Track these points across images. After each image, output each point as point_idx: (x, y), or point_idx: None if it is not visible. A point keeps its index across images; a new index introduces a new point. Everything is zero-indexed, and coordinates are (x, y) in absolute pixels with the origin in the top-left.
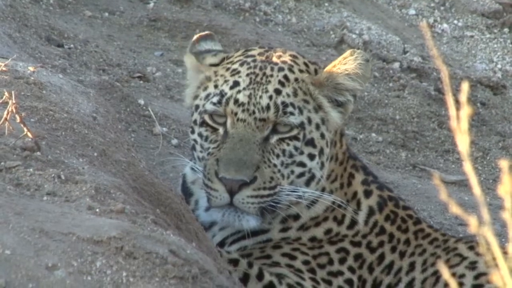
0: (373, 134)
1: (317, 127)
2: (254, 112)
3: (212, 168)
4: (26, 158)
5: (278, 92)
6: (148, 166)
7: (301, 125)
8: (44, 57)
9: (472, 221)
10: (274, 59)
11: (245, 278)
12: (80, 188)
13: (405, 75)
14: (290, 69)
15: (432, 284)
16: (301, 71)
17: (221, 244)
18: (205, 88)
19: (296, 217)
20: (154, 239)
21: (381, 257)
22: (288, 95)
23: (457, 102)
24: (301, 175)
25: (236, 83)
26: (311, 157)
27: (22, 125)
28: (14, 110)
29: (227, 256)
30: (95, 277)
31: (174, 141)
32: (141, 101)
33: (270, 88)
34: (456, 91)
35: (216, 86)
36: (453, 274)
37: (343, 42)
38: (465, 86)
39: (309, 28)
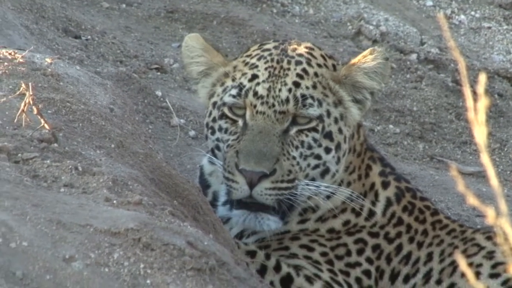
0: (391, 126)
1: (336, 121)
2: (273, 105)
3: (232, 160)
4: (43, 149)
5: (297, 85)
6: (165, 157)
7: (320, 118)
8: (61, 48)
9: (490, 212)
10: (290, 52)
11: (262, 270)
12: (98, 179)
13: (423, 67)
14: (309, 63)
15: (449, 274)
16: (319, 65)
17: (239, 236)
18: (223, 84)
19: (314, 209)
20: (171, 230)
21: (399, 248)
22: (307, 88)
23: (474, 93)
24: (316, 167)
25: (255, 76)
26: (328, 150)
27: (39, 117)
28: (31, 102)
29: (245, 248)
30: (112, 269)
31: (192, 133)
32: (159, 93)
33: (289, 81)
34: (473, 83)
35: (234, 80)
36: (470, 264)
37: (360, 33)
38: (482, 78)
39: (326, 19)
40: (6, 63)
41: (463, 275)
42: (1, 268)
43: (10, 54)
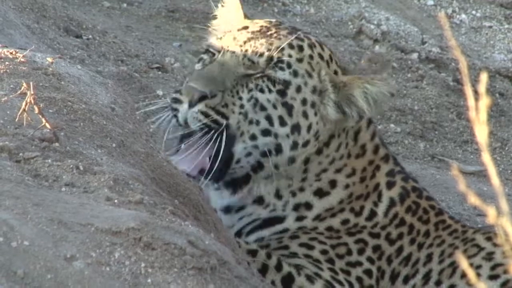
0: (392, 125)
1: (304, 102)
2: (246, 50)
3: (185, 82)
4: (45, 149)
5: (281, 50)
6: (166, 157)
7: (285, 84)
8: (62, 48)
9: (491, 211)
10: (300, 33)
11: (263, 269)
12: (99, 179)
13: (424, 66)
14: (310, 47)
15: (448, 275)
16: (320, 56)
17: (238, 233)
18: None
19: (308, 206)
20: (172, 230)
21: (400, 250)
22: (289, 56)
23: (475, 92)
24: (265, 133)
25: (245, 27)
26: (282, 121)
27: (40, 116)
28: (32, 101)
29: (246, 247)
30: (113, 268)
31: None
32: (160, 92)
33: (275, 43)
34: (474, 82)
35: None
36: (470, 265)
37: (361, 32)
38: (483, 77)
39: (327, 18)
40: (7, 63)
41: (462, 276)
42: (2, 267)
43: (11, 53)
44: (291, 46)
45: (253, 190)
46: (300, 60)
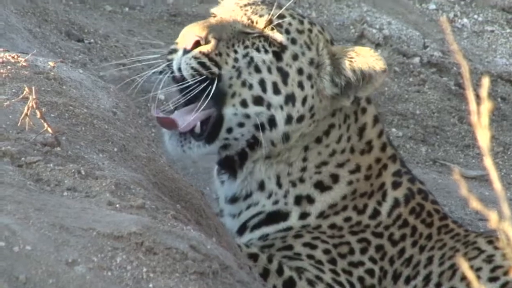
0: (394, 129)
1: (300, 71)
2: (247, 11)
3: None
4: (46, 153)
5: (281, 16)
6: (168, 161)
7: (282, 47)
8: (64, 52)
9: (493, 216)
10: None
11: (265, 273)
12: (100, 183)
13: (425, 70)
14: (310, 22)
15: (449, 278)
16: (321, 32)
17: (242, 229)
18: None
19: (310, 200)
20: (174, 234)
21: (402, 251)
22: (289, 24)
23: (477, 97)
24: (257, 101)
25: None
26: (275, 88)
27: (42, 121)
28: (34, 106)
29: (247, 251)
30: (115, 272)
31: None
32: (162, 96)
33: (277, 12)
34: (476, 86)
35: None
36: (470, 267)
37: (363, 37)
38: (485, 81)
39: (329, 22)
40: (9, 67)
41: (462, 278)
42: (4, 272)
43: (13, 57)
44: (292, 16)
45: (254, 173)
46: (300, 32)
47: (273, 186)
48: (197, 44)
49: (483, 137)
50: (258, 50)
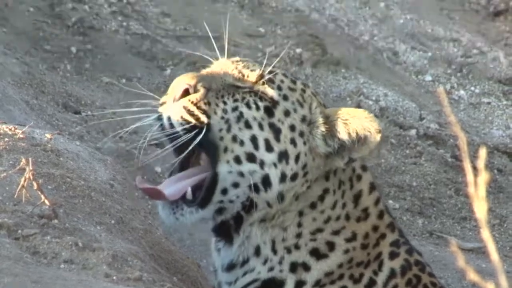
0: (390, 201)
1: (292, 128)
2: (238, 65)
3: None
4: (44, 226)
5: (274, 74)
6: (164, 233)
7: (273, 103)
8: (61, 124)
9: None
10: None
11: None
12: (97, 255)
13: (422, 142)
14: (303, 83)
15: None
16: (314, 94)
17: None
18: None
19: (305, 267)
20: None
21: None
22: (281, 81)
23: (474, 168)
24: (250, 158)
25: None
26: (268, 145)
27: (39, 193)
28: (31, 177)
29: None
30: None
31: None
32: (158, 169)
33: (268, 69)
34: (473, 158)
35: None
36: None
37: (360, 108)
38: (482, 152)
39: (325, 94)
40: (6, 139)
41: None
42: None
43: (10, 129)
44: (285, 75)
45: (251, 238)
46: (292, 89)
47: (268, 252)
48: (186, 92)
49: (480, 209)
50: (248, 105)
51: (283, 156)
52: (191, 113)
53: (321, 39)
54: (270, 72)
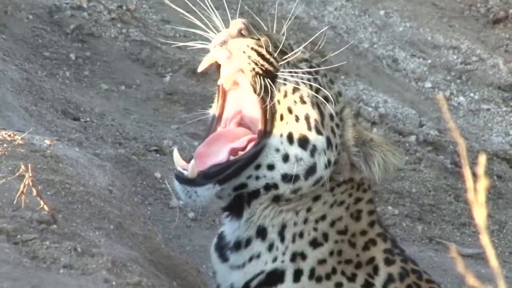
0: (390, 207)
1: (331, 117)
2: (279, 41)
3: None
4: (43, 231)
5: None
6: (164, 239)
7: (318, 87)
8: (60, 130)
9: None
10: None
11: None
12: (97, 261)
13: (422, 148)
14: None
15: None
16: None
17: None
18: None
19: (303, 256)
20: None
21: None
22: (324, 75)
23: (473, 175)
24: (303, 142)
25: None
26: (318, 129)
27: (38, 198)
28: (30, 183)
29: None
30: None
31: (191, 214)
32: (158, 175)
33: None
34: (472, 164)
35: None
36: None
37: (359, 115)
38: (482, 159)
39: None
40: (5, 145)
41: None
42: None
43: (9, 135)
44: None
45: (260, 216)
46: (330, 83)
47: (275, 237)
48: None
49: (480, 215)
50: (302, 78)
51: (329, 142)
52: (261, 56)
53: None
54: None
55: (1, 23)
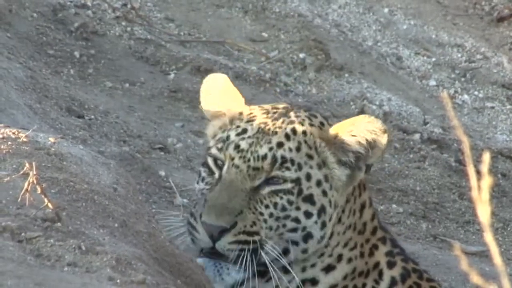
0: (394, 205)
1: (319, 183)
2: (249, 160)
3: (199, 209)
4: (47, 229)
5: (280, 145)
6: (168, 237)
7: (297, 181)
8: (64, 128)
9: None
10: (291, 114)
11: None
12: (101, 258)
13: (426, 146)
14: (301, 123)
15: None
16: (311, 125)
17: None
18: (223, 131)
19: (313, 282)
20: None
21: None
22: (290, 150)
23: (477, 173)
24: (294, 230)
25: (244, 131)
26: (308, 215)
27: (43, 196)
28: (35, 181)
29: None
30: None
31: None
32: (162, 173)
33: (274, 140)
34: (476, 162)
35: (224, 131)
36: None
37: (364, 113)
38: (486, 157)
39: (329, 99)
40: (9, 143)
41: None
42: None
43: (13, 133)
44: (287, 136)
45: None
46: (298, 149)
47: (277, 272)
48: (223, 230)
49: (484, 212)
50: (280, 198)
51: (321, 211)
52: (244, 243)
53: (324, 44)
54: (277, 145)
55: (5, 21)
